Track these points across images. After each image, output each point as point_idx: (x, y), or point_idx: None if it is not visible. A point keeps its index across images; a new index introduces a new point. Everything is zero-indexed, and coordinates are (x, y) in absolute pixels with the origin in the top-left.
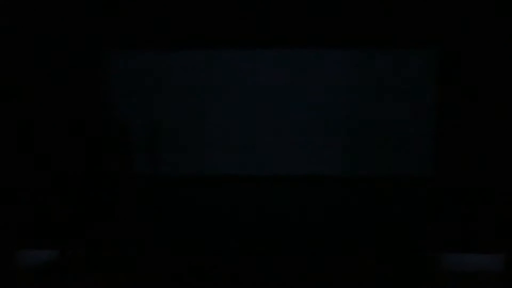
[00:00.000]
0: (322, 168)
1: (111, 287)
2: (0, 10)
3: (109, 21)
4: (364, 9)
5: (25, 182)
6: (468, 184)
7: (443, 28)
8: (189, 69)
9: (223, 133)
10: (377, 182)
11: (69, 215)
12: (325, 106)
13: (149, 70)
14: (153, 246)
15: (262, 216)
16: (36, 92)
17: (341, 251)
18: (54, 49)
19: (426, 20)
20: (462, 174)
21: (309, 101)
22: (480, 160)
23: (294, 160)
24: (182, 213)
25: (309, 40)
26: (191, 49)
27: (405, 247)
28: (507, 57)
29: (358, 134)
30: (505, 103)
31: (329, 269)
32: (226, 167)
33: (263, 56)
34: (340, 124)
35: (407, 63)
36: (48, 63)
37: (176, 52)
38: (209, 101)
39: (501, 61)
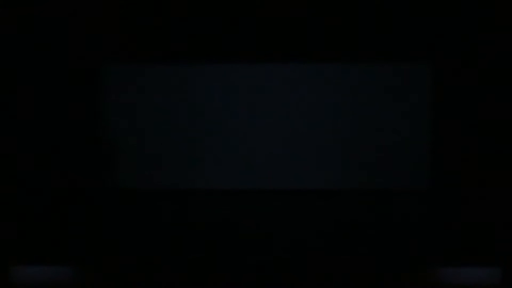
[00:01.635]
0: (320, 182)
1: None
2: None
3: (106, 37)
4: (360, 25)
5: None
6: (465, 197)
7: (440, 44)
8: (183, 84)
9: (218, 147)
10: (374, 196)
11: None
12: (322, 121)
13: (143, 84)
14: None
15: (259, 229)
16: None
17: (337, 264)
18: (51, 61)
19: (423, 36)
20: (458, 188)
21: (307, 115)
22: (476, 173)
23: (291, 174)
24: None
25: (308, 55)
26: (186, 63)
27: (402, 261)
28: (501, 71)
29: (355, 149)
30: (500, 116)
31: (326, 281)
32: (222, 180)
33: (259, 71)
34: (337, 139)
35: (404, 78)
36: (43, 76)
37: (171, 66)
38: (201, 115)
39: (496, 75)
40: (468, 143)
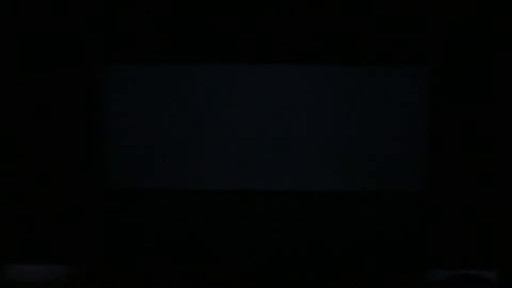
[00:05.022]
0: (315, 184)
1: None
2: None
3: (101, 35)
4: (357, 26)
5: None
6: (461, 200)
7: (436, 46)
8: (181, 83)
9: (210, 147)
10: (371, 198)
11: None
12: (320, 122)
13: (140, 83)
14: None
15: (258, 230)
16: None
17: (332, 267)
18: (46, 59)
19: (419, 37)
20: (455, 190)
21: (305, 117)
22: (473, 176)
23: (290, 176)
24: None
25: (307, 57)
26: (184, 63)
27: (397, 263)
28: (498, 74)
29: (353, 151)
30: (498, 118)
31: (325, 282)
32: (222, 181)
33: (259, 71)
34: (331, 140)
35: (400, 80)
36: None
37: (169, 66)
38: (196, 115)
39: (494, 77)
40: (467, 145)
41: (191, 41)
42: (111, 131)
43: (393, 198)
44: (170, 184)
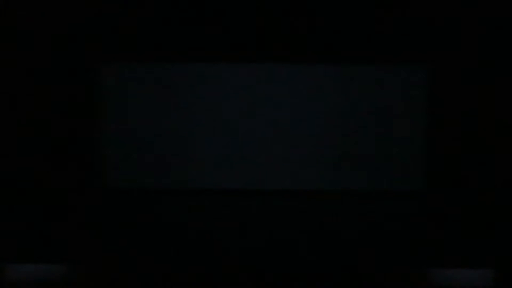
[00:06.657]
0: (312, 183)
1: None
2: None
3: (101, 35)
4: (355, 26)
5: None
6: (461, 200)
7: (434, 46)
8: (176, 83)
9: (209, 147)
10: (369, 198)
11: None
12: (317, 122)
13: (140, 83)
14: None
15: (257, 230)
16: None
17: (329, 266)
18: (46, 59)
19: (418, 37)
20: (455, 190)
21: (304, 116)
22: (473, 176)
23: (287, 175)
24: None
25: (306, 56)
26: (180, 63)
27: (397, 263)
28: (496, 74)
29: (351, 150)
30: (495, 118)
31: (324, 282)
32: (221, 181)
33: (259, 71)
34: (331, 139)
35: (399, 79)
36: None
37: (169, 66)
38: (194, 115)
39: (491, 77)
40: (467, 144)
41: (191, 41)
42: (111, 131)
43: (393, 198)
44: (170, 184)
